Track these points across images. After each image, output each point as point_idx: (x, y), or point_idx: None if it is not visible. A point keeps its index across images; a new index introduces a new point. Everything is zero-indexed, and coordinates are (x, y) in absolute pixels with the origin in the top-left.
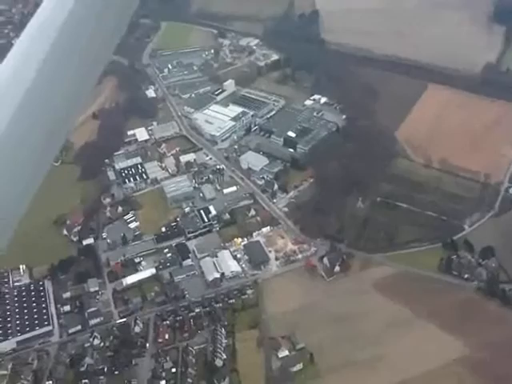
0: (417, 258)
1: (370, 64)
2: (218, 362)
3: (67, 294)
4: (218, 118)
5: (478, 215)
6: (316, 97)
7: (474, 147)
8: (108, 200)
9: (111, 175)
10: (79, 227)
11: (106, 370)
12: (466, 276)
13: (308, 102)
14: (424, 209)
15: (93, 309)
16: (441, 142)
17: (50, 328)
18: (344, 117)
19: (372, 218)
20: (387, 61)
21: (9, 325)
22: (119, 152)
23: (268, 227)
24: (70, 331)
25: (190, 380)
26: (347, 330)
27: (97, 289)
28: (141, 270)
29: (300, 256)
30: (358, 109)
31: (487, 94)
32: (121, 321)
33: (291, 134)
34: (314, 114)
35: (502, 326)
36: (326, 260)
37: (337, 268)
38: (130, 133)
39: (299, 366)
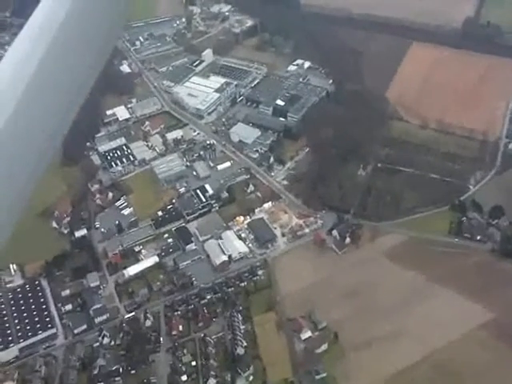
0: (426, 223)
1: (350, 24)
2: (240, 350)
3: (66, 292)
4: (201, 91)
5: (481, 174)
6: (299, 62)
7: (467, 104)
8: (96, 186)
9: (95, 159)
10: (69, 218)
11: (121, 370)
12: (478, 238)
13: (291, 68)
14: (426, 171)
15: (97, 305)
16: (433, 100)
17: (54, 330)
18: (331, 81)
19: (375, 185)
20: (367, 20)
21: (8, 331)
22: (100, 134)
23: (269, 202)
24: (76, 331)
25: (212, 372)
26: (366, 304)
27: (98, 283)
28: (142, 259)
29: (307, 230)
30: (344, 71)
31: (471, 49)
32: (129, 315)
33: (280, 102)
34: (300, 79)
35: None
36: (335, 232)
37: (347, 240)
38: (109, 112)
39: (324, 347)
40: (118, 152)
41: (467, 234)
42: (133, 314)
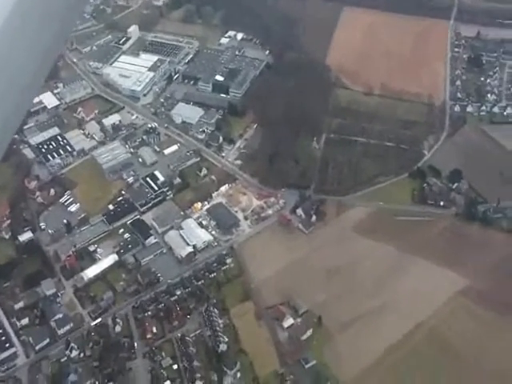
0: (388, 193)
1: None
2: (223, 347)
3: (20, 305)
4: (134, 70)
5: (433, 138)
6: (231, 33)
7: (407, 68)
8: (34, 183)
9: (28, 153)
10: (8, 221)
11: None
12: (441, 203)
13: (224, 40)
14: (380, 140)
15: (58, 315)
16: (372, 66)
17: (13, 350)
18: (268, 52)
19: (332, 158)
20: None
21: None
22: (29, 125)
23: (226, 185)
24: (38, 347)
25: (197, 374)
26: (343, 282)
27: (54, 290)
28: (99, 259)
29: (270, 211)
30: (279, 41)
31: (402, 12)
32: (95, 322)
33: (219, 77)
34: (236, 52)
35: (491, 249)
36: (300, 211)
37: (313, 218)
38: (34, 100)
39: (309, 333)
40: (53, 143)
41: (431, 200)
42: (99, 320)
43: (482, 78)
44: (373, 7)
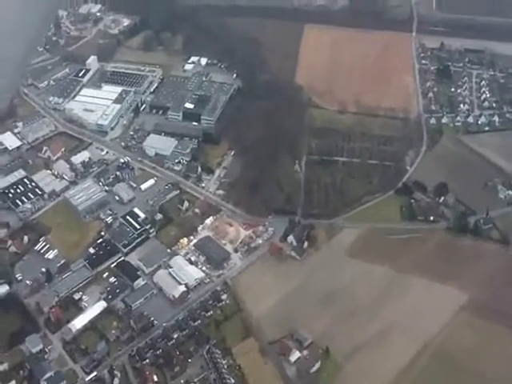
0: (377, 212)
1: (237, 13)
2: None
3: (4, 366)
4: (98, 104)
5: (413, 153)
6: (194, 59)
7: (378, 83)
8: (4, 232)
9: None
10: None
11: None
12: (431, 218)
13: (188, 66)
14: (361, 158)
15: (49, 373)
16: (343, 83)
17: None
18: (235, 75)
19: (315, 180)
20: (252, 7)
21: None
22: None
23: (211, 217)
24: None
25: None
26: (344, 308)
27: (41, 347)
28: (86, 308)
29: (260, 241)
30: (245, 63)
31: (363, 27)
32: (90, 377)
33: (189, 105)
34: (203, 78)
35: (485, 260)
36: (291, 238)
37: (305, 244)
38: None
39: (317, 365)
40: (21, 187)
41: (420, 216)
42: (94, 373)
43: (453, 89)
44: (333, 24)
